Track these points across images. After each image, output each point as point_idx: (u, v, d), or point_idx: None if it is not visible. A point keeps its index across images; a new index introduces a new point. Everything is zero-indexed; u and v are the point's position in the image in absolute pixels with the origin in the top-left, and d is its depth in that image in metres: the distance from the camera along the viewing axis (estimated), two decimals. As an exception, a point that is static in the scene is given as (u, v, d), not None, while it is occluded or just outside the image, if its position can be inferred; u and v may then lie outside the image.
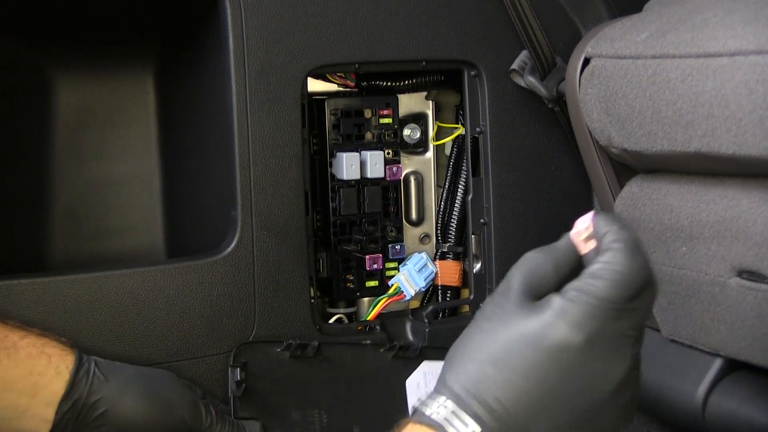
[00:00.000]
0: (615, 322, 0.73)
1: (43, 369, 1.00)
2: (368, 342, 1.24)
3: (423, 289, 1.33)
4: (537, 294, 0.76)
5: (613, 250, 0.74)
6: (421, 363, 1.21)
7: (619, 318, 0.73)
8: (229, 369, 1.15)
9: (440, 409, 0.75)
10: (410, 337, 1.31)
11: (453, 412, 0.74)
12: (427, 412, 0.76)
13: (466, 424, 0.73)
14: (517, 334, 0.73)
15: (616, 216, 0.77)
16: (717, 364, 1.15)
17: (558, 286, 0.77)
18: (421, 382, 1.18)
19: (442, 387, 0.77)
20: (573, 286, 0.74)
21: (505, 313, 0.75)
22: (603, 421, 0.75)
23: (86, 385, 1.02)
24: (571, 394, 0.73)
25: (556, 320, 0.72)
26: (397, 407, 1.17)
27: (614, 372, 0.74)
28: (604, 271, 0.73)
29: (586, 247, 0.78)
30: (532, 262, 0.77)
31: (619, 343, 0.73)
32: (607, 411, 0.74)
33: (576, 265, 0.79)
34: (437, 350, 1.25)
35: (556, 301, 0.73)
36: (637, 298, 0.74)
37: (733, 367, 1.14)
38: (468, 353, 0.76)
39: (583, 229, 0.78)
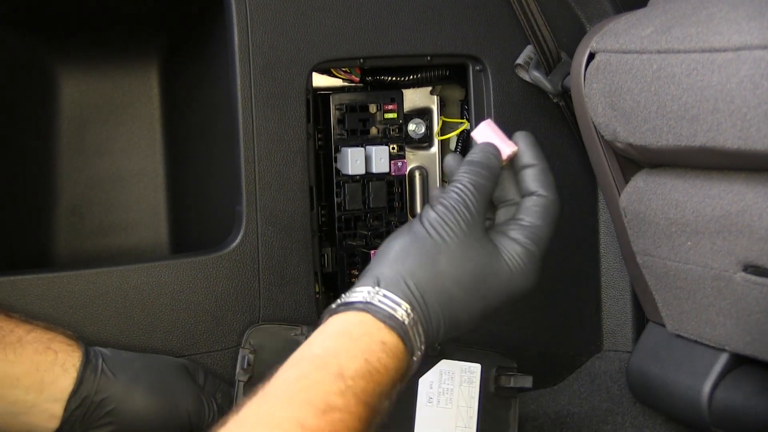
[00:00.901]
0: None
1: (49, 365, 1.00)
2: None
3: (428, 285, 1.32)
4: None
5: (543, 198, 0.91)
6: (439, 361, 1.19)
7: None
8: (240, 351, 1.15)
9: (402, 313, 0.82)
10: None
11: (415, 321, 0.83)
12: (398, 313, 0.83)
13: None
14: (485, 271, 0.86)
15: (533, 139, 0.94)
16: (722, 358, 1.15)
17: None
18: (435, 381, 1.17)
19: (398, 284, 0.84)
20: (529, 235, 0.89)
21: (468, 238, 0.86)
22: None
23: (94, 382, 1.02)
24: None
25: (525, 276, 0.88)
26: (407, 404, 1.16)
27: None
28: (545, 218, 0.90)
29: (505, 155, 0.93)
30: (485, 191, 0.89)
31: None
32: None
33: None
34: (459, 350, 1.23)
35: (520, 254, 0.88)
36: None
37: (739, 362, 1.14)
38: (426, 260, 0.85)
39: (507, 151, 0.93)
